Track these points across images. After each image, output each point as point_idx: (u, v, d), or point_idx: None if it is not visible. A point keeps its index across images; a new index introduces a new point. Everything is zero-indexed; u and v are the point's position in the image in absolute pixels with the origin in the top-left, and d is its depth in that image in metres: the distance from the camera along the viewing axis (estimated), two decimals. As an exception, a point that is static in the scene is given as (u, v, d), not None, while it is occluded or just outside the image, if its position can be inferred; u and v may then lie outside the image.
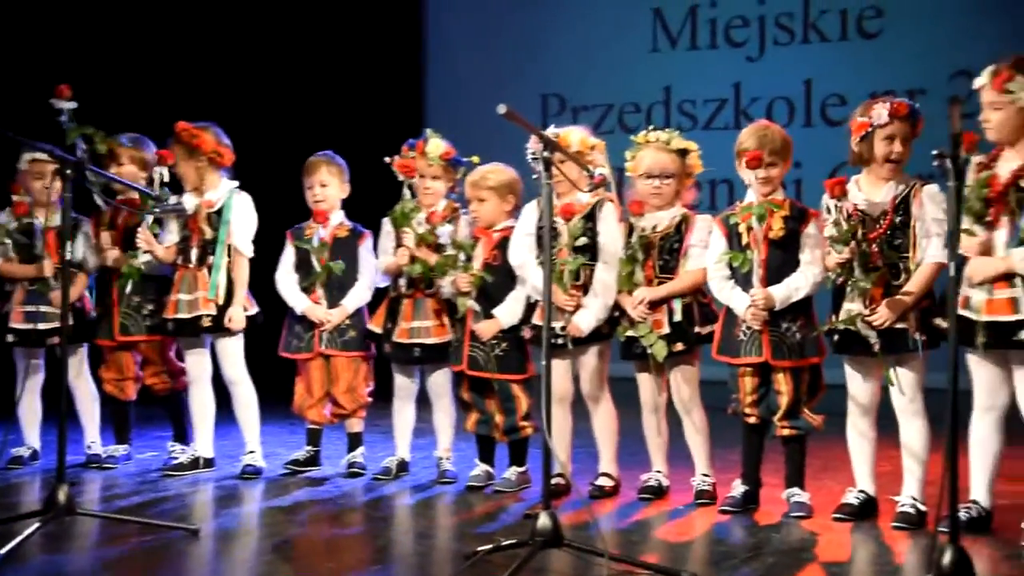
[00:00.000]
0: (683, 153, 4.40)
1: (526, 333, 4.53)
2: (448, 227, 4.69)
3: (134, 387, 5.16)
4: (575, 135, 4.47)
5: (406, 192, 4.78)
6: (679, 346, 4.32)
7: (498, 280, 4.54)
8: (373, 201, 4.95)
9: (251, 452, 4.95)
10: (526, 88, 8.42)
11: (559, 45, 8.52)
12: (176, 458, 5.00)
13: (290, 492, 4.61)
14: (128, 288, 4.98)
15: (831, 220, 3.99)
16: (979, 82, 3.76)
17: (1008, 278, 3.67)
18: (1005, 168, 3.72)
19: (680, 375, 4.39)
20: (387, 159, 4.80)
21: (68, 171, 3.89)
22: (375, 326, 4.87)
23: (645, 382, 4.46)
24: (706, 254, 4.31)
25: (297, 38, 8.38)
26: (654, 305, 4.33)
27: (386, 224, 4.85)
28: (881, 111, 3.95)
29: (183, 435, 5.16)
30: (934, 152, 3.18)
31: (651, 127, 4.55)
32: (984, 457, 3.87)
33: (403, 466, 4.89)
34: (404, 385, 4.90)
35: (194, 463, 4.94)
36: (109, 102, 4.97)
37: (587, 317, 4.39)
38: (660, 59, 8.37)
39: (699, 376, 4.41)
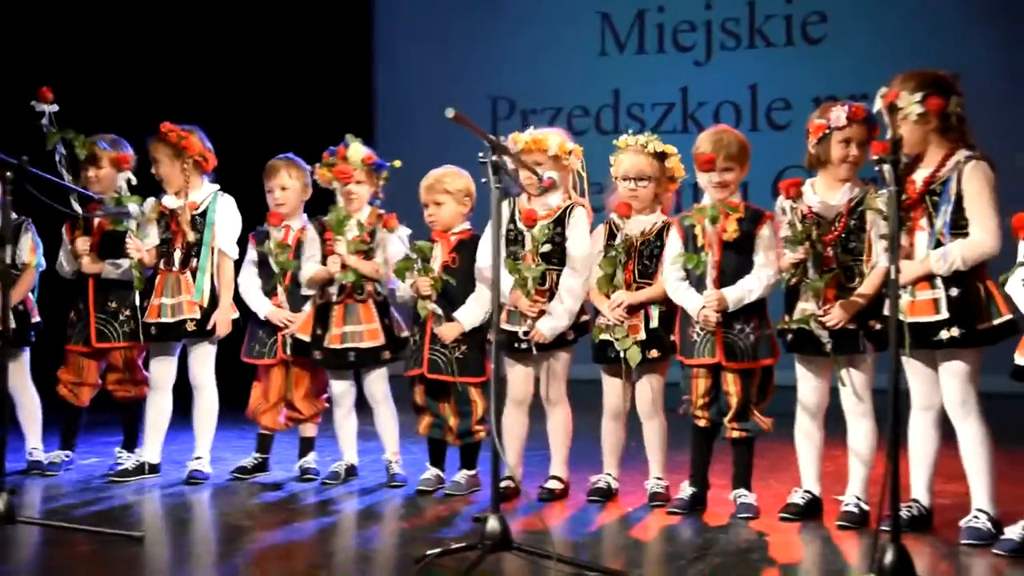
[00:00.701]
0: (661, 157, 4.42)
1: (491, 337, 4.53)
2: (405, 231, 4.67)
3: (90, 393, 5.09)
4: (553, 139, 4.47)
5: (339, 199, 4.76)
6: (654, 353, 4.34)
7: (457, 283, 4.54)
8: (320, 204, 4.94)
9: (198, 458, 4.90)
10: (475, 92, 8.43)
11: (508, 49, 8.53)
12: (121, 464, 4.94)
13: (237, 497, 4.57)
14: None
15: (786, 221, 4.04)
16: (875, 106, 3.85)
17: (929, 280, 3.75)
18: (919, 175, 3.80)
19: (648, 381, 4.41)
20: (309, 167, 4.80)
21: (8, 173, 3.85)
22: (303, 334, 4.83)
23: (612, 386, 4.47)
24: None
25: (244, 41, 8.31)
26: (632, 310, 4.35)
27: (310, 231, 4.84)
28: (839, 114, 4.01)
29: (133, 443, 5.09)
30: (874, 157, 3.24)
31: (630, 131, 4.58)
32: (923, 456, 3.94)
33: (352, 471, 4.87)
34: (342, 391, 4.88)
35: (139, 469, 4.88)
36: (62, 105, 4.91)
37: (551, 323, 4.40)
38: (608, 63, 8.41)
39: (664, 382, 4.43)
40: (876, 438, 4.04)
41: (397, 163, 4.81)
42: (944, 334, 3.71)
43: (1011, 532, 3.64)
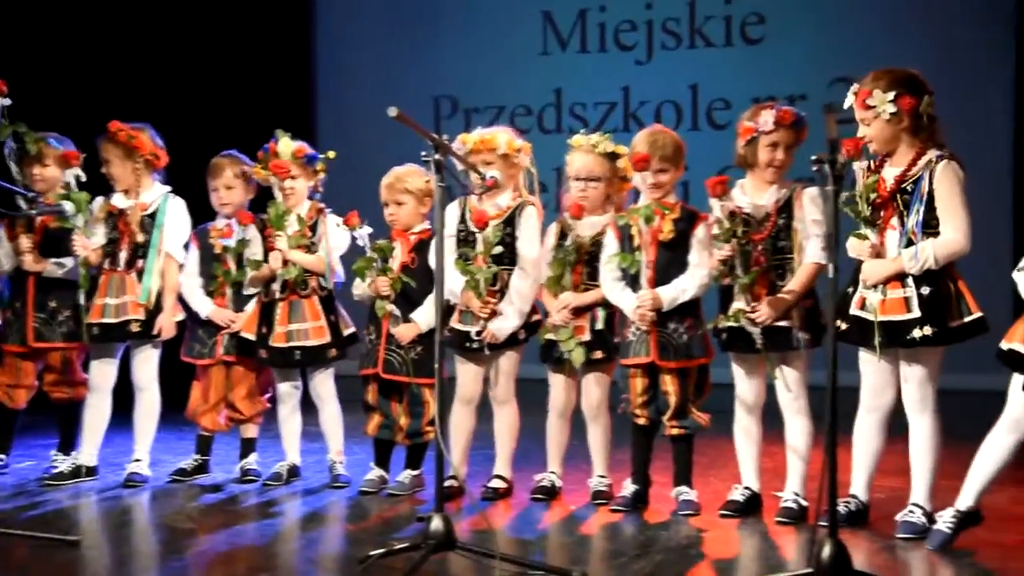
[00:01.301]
0: (612, 157, 4.42)
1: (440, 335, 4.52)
2: (367, 230, 4.66)
3: (27, 396, 4.99)
4: (501, 137, 4.46)
5: (277, 195, 4.73)
6: (598, 354, 4.36)
7: (416, 283, 4.52)
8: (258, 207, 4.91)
9: (137, 460, 4.83)
10: (417, 90, 8.39)
11: (450, 47, 8.51)
12: (57, 467, 4.86)
13: (177, 500, 4.52)
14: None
15: (713, 218, 4.09)
16: (848, 102, 3.89)
17: (900, 278, 3.80)
18: (890, 173, 3.86)
19: (593, 381, 4.43)
20: (246, 168, 4.76)
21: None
22: (247, 332, 4.80)
23: (558, 385, 4.49)
24: None
25: (182, 38, 8.20)
26: (578, 311, 4.36)
27: (251, 229, 4.80)
28: (767, 118, 4.06)
29: (69, 446, 5.00)
30: (813, 157, 3.28)
31: (583, 130, 4.58)
32: (865, 455, 4.00)
33: (294, 471, 4.84)
34: (287, 390, 4.84)
35: (75, 472, 4.80)
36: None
37: (503, 323, 4.40)
38: (550, 62, 8.42)
39: (610, 382, 4.45)
40: (812, 434, 4.10)
41: (331, 154, 4.79)
42: (917, 332, 3.75)
43: (941, 524, 3.70)
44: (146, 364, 4.85)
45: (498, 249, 4.39)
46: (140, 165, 4.82)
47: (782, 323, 4.02)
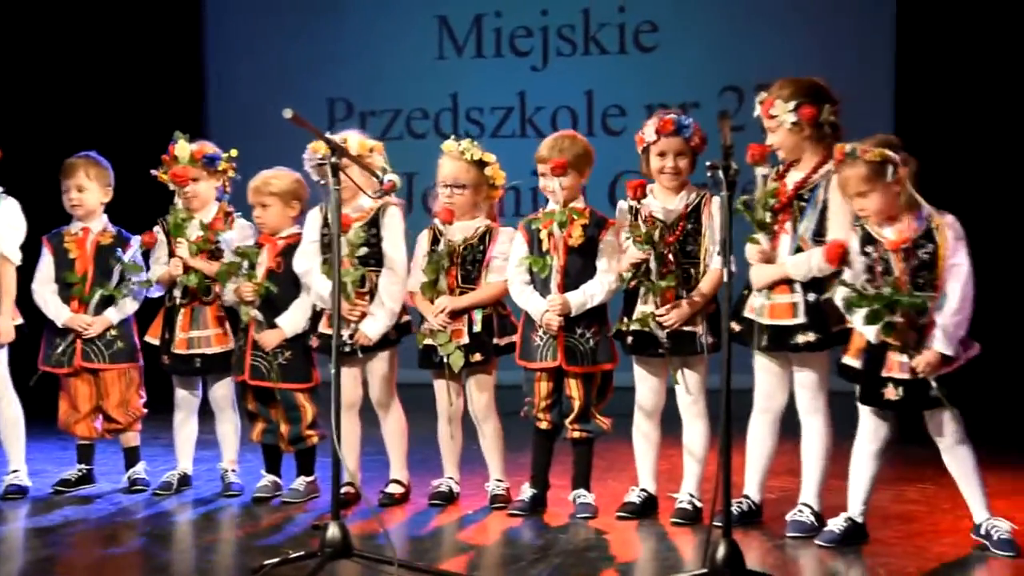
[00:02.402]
0: (481, 164, 4.42)
1: (314, 342, 4.47)
2: (232, 234, 4.58)
3: None
4: (353, 139, 4.42)
5: (177, 201, 4.63)
6: (477, 356, 4.35)
7: (282, 288, 4.46)
8: (148, 206, 4.78)
9: (15, 471, 4.66)
10: (312, 92, 8.30)
11: (345, 50, 8.44)
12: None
13: (60, 511, 4.37)
14: None
15: (628, 222, 4.12)
16: (756, 111, 3.97)
17: (789, 284, 3.88)
18: (792, 180, 3.94)
19: (476, 384, 4.42)
20: (153, 172, 4.64)
21: None
22: (152, 338, 4.70)
23: (442, 389, 4.46)
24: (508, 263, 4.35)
25: (67, 34, 7.97)
26: (455, 315, 4.35)
27: (158, 232, 4.69)
28: (649, 129, 4.12)
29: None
30: (707, 164, 3.34)
31: (453, 136, 4.57)
32: (758, 456, 4.08)
33: (185, 480, 4.73)
34: (185, 397, 4.74)
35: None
36: None
37: (374, 325, 4.37)
38: (447, 66, 8.42)
39: (495, 384, 4.45)
40: (709, 437, 4.17)
41: (234, 152, 4.70)
42: (801, 338, 3.84)
43: (833, 524, 3.82)
44: None
45: (363, 251, 4.36)
46: None
47: (687, 327, 4.07)
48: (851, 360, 3.77)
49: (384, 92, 8.41)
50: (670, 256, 4.09)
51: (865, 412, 3.79)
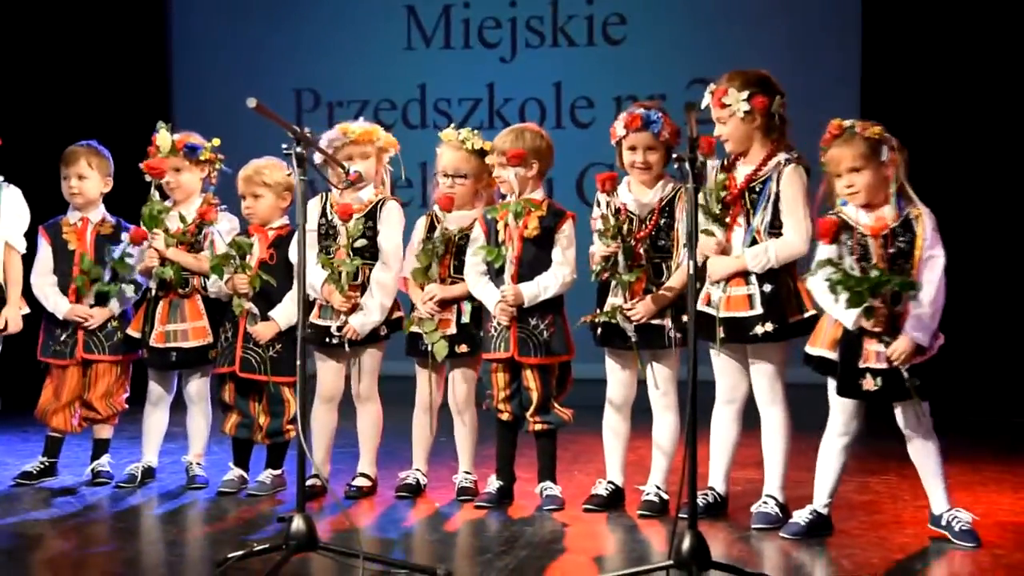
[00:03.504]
0: (481, 154, 4.39)
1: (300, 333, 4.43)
2: (224, 225, 4.54)
3: None
4: (380, 131, 4.45)
5: (154, 192, 4.58)
6: (463, 348, 4.34)
7: (275, 280, 4.42)
8: (118, 199, 4.73)
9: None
10: (278, 82, 8.24)
11: (313, 39, 8.38)
12: None
13: (21, 504, 4.32)
14: None
15: (599, 214, 4.13)
16: (704, 102, 3.98)
17: (744, 276, 3.91)
18: (741, 172, 3.96)
19: (459, 376, 4.41)
20: (141, 164, 4.59)
21: None
22: (134, 331, 4.65)
23: (423, 379, 4.45)
24: None
25: (33, 23, 7.86)
26: (444, 304, 4.34)
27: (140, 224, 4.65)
28: (618, 124, 4.13)
29: None
30: (673, 155, 3.35)
31: (451, 124, 4.54)
32: (723, 447, 4.10)
33: (150, 473, 4.69)
34: (158, 392, 4.70)
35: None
36: None
37: (364, 318, 4.35)
38: (415, 57, 8.38)
39: (477, 378, 4.44)
40: (678, 430, 4.18)
41: (216, 141, 4.66)
42: (759, 329, 3.87)
43: (798, 516, 3.84)
44: None
45: (360, 242, 4.34)
46: None
47: (656, 321, 4.08)
48: (824, 351, 3.78)
49: (352, 83, 8.36)
50: (640, 250, 4.09)
51: (837, 405, 3.81)
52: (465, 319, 4.35)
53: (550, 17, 8.22)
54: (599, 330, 4.16)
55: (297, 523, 3.36)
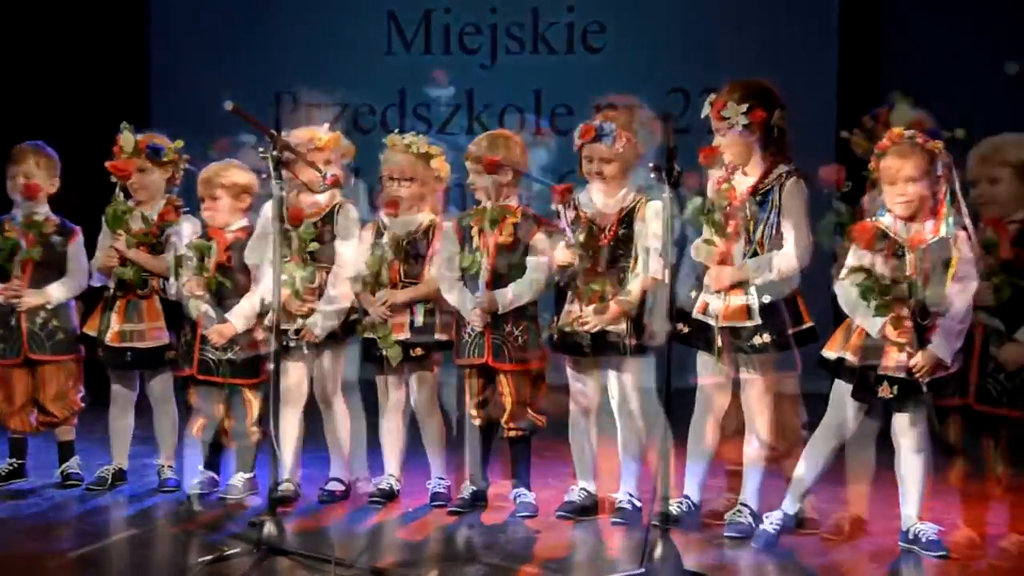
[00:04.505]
0: (427, 158, 4.40)
1: (259, 335, 4.42)
2: (185, 227, 4.51)
3: None
4: (344, 138, 4.45)
5: (118, 193, 4.56)
6: (418, 351, 4.33)
7: (231, 282, 4.41)
8: (91, 198, 4.69)
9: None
10: (258, 86, 8.21)
11: (293, 43, 8.37)
12: None
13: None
14: None
15: (560, 225, 4.13)
16: (704, 112, 3.99)
17: (743, 286, 3.91)
18: (742, 184, 3.97)
19: (418, 380, 4.41)
20: (107, 163, 4.57)
21: None
22: (90, 330, 4.63)
23: (382, 384, 4.44)
24: None
25: (6, 23, 7.82)
26: (396, 308, 4.33)
27: (104, 223, 4.62)
28: (575, 134, 4.14)
29: None
30: (650, 164, 3.36)
31: (396, 129, 4.55)
32: (700, 456, 4.10)
33: (120, 475, 4.66)
34: (121, 392, 4.67)
35: None
36: None
37: (321, 321, 4.33)
38: (395, 62, 8.38)
39: (438, 381, 4.43)
40: (645, 436, 4.17)
41: (179, 142, 4.64)
42: (757, 339, 3.88)
43: (768, 524, 3.84)
44: None
45: (314, 246, 4.33)
46: None
47: (612, 329, 4.08)
48: (846, 354, 3.76)
49: (332, 86, 8.35)
50: (599, 259, 4.10)
51: (836, 408, 3.80)
52: (419, 322, 4.34)
53: (530, 24, 8.24)
54: (555, 337, 4.16)
55: (268, 527, 3.34)
